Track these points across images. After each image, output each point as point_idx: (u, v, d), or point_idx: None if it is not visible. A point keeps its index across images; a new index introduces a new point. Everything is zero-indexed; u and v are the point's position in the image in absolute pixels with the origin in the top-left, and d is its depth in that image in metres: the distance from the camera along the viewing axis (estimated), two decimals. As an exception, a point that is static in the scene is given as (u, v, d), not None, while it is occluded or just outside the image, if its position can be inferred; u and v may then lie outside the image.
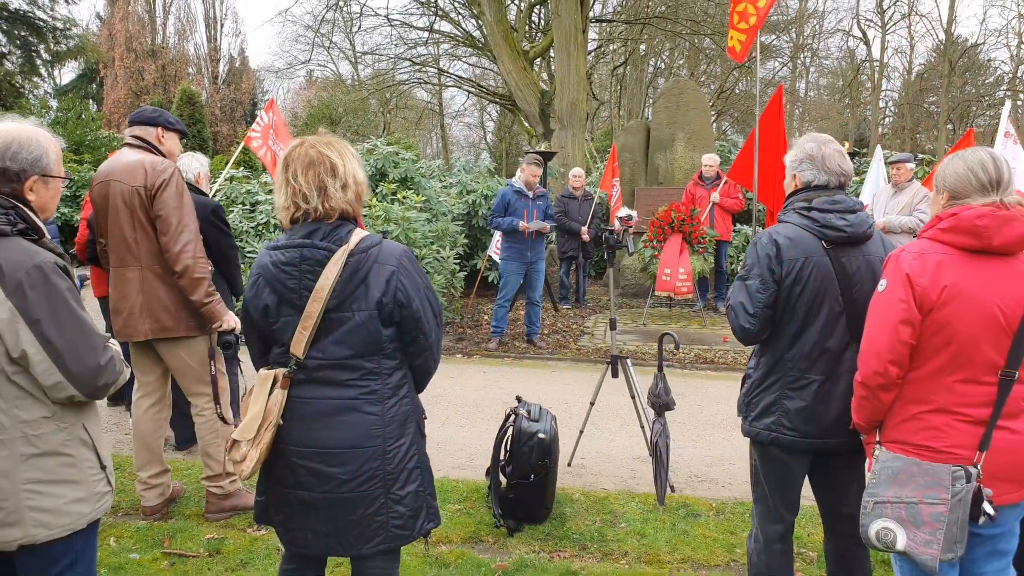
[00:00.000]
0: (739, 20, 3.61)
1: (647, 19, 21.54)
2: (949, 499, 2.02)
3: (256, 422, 2.16)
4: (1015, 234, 2.04)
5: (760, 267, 2.51)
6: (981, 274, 2.06)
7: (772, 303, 2.51)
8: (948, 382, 2.08)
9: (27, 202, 1.94)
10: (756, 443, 2.65)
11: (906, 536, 2.05)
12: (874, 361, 2.15)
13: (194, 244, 3.57)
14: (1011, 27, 33.22)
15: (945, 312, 2.04)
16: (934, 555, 2.00)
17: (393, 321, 2.16)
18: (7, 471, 1.89)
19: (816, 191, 2.58)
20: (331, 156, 2.18)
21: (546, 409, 3.86)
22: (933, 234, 2.13)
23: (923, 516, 2.04)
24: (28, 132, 1.94)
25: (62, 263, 1.93)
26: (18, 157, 1.89)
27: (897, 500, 2.09)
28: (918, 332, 2.09)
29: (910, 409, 2.16)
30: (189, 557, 3.39)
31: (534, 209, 7.59)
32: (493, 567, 3.31)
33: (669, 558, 3.44)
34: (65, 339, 1.88)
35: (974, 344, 2.04)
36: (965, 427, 2.07)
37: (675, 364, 7.28)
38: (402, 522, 2.22)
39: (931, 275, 2.06)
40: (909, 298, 2.07)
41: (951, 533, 2.01)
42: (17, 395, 1.88)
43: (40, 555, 1.99)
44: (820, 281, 2.45)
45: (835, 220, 2.48)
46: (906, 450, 2.15)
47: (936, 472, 2.06)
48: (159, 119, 3.73)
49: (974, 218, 2.03)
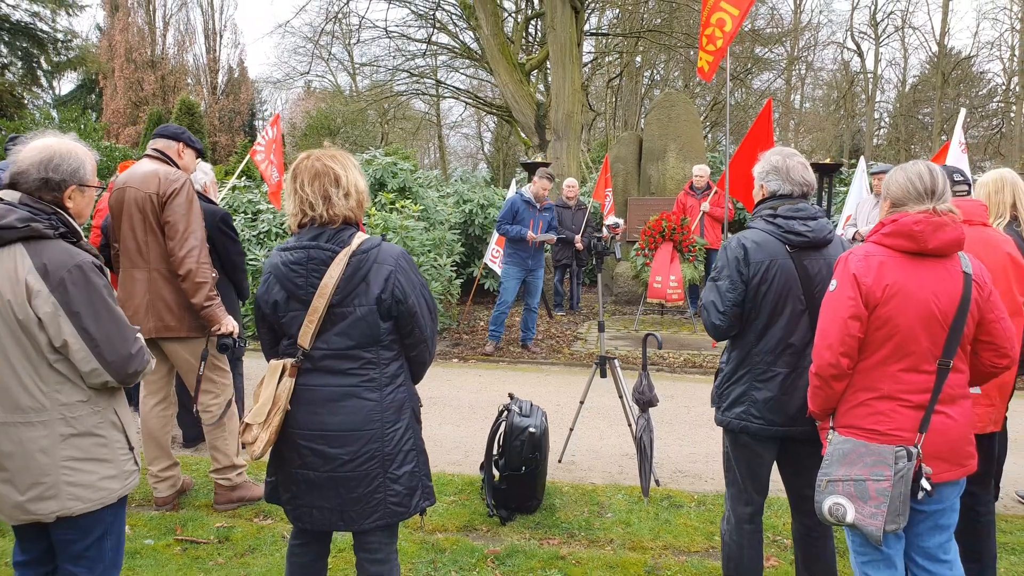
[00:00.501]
0: (707, 43, 3.90)
1: (641, 32, 21.87)
2: (892, 476, 2.24)
3: (267, 407, 2.38)
4: (948, 238, 2.27)
5: (729, 269, 2.74)
6: (919, 274, 2.29)
7: (740, 301, 2.73)
8: (892, 371, 2.32)
9: (66, 209, 2.18)
10: (728, 431, 2.87)
11: (854, 510, 2.28)
12: (827, 353, 2.37)
13: (199, 250, 3.78)
14: (1004, 39, 33.66)
15: (888, 308, 2.28)
16: (879, 526, 2.23)
17: (391, 315, 2.39)
18: (47, 449, 2.11)
19: (781, 200, 2.81)
20: (335, 168, 2.42)
21: (537, 405, 4.08)
22: (877, 238, 2.36)
23: (869, 492, 2.27)
24: (68, 146, 2.17)
25: (98, 263, 2.16)
26: (60, 168, 2.13)
27: (847, 478, 2.32)
28: (865, 327, 2.32)
29: (859, 396, 2.39)
30: (200, 543, 3.60)
31: (540, 220, 7.84)
32: (486, 552, 3.52)
33: (652, 545, 3.66)
34: (102, 330, 2.11)
35: (914, 337, 2.27)
36: (907, 412, 2.30)
37: (664, 368, 7.51)
38: (399, 499, 2.43)
39: (875, 275, 2.29)
40: (856, 296, 2.30)
41: (894, 506, 2.24)
42: (58, 380, 2.11)
43: (75, 526, 2.21)
44: (784, 281, 2.68)
45: (798, 226, 2.71)
46: (855, 433, 2.37)
47: (881, 452, 2.29)
48: (182, 136, 3.97)
49: (911, 224, 2.27)
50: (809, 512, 2.84)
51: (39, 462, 2.10)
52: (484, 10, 15.91)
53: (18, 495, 2.12)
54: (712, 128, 31.97)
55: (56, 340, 2.06)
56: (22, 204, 2.07)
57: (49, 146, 2.14)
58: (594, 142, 28.03)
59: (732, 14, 3.82)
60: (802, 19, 35.66)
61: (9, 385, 2.06)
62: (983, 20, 47.25)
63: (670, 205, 10.15)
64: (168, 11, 33.84)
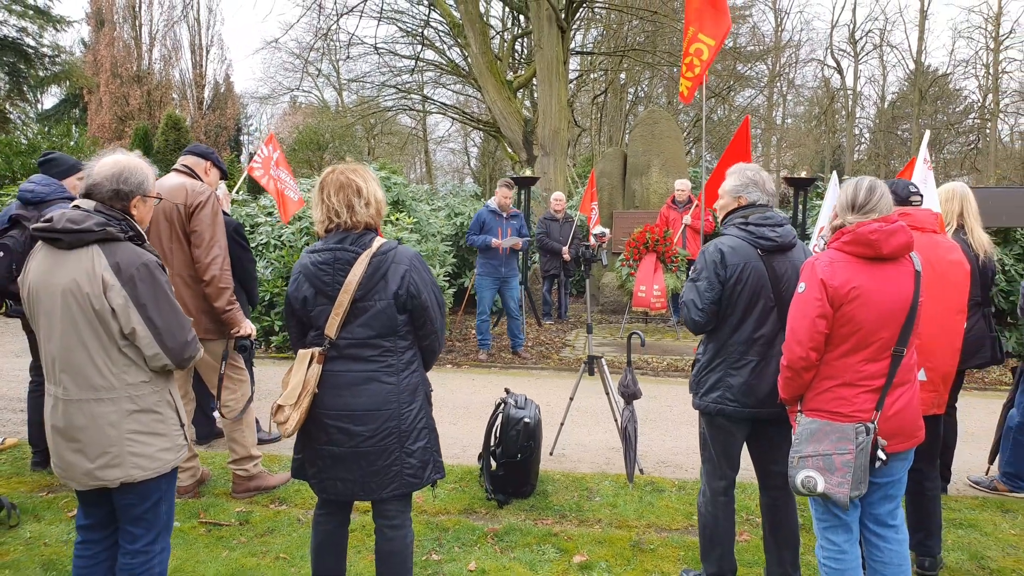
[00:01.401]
0: (687, 70, 4.34)
1: (625, 51, 22.38)
2: (855, 449, 2.61)
3: (297, 391, 2.71)
4: (899, 243, 2.65)
5: (708, 271, 3.10)
6: (877, 276, 2.66)
7: (717, 300, 3.09)
8: (853, 362, 2.67)
9: (132, 215, 2.53)
10: (705, 414, 3.23)
11: (824, 481, 2.64)
12: (797, 348, 2.72)
13: (222, 258, 4.12)
14: (979, 57, 34.57)
15: (850, 308, 2.63)
16: (846, 493, 2.60)
17: (406, 309, 2.74)
18: (115, 423, 2.44)
19: (753, 209, 3.19)
20: (357, 180, 2.78)
21: (531, 399, 4.44)
22: (838, 246, 2.72)
23: (836, 464, 2.63)
24: (135, 162, 2.53)
25: (160, 262, 2.50)
26: (129, 181, 2.48)
27: (816, 454, 2.68)
28: (831, 324, 2.68)
29: (824, 384, 2.74)
30: (223, 525, 3.92)
31: (508, 227, 8.24)
32: (486, 530, 3.87)
33: (636, 524, 4.02)
34: (164, 320, 2.45)
35: (873, 332, 2.63)
36: (866, 395, 2.66)
37: (649, 372, 7.90)
38: (413, 472, 2.78)
39: (840, 279, 2.64)
40: (823, 297, 2.66)
41: (857, 475, 2.60)
42: (125, 363, 2.44)
43: (135, 492, 2.53)
44: (756, 281, 3.05)
45: (768, 232, 3.10)
46: (821, 415, 2.73)
47: (844, 430, 2.65)
48: (210, 155, 4.33)
49: (867, 233, 2.64)
50: (774, 485, 3.21)
51: (107, 434, 2.43)
52: (473, 29, 16.36)
53: (88, 463, 2.44)
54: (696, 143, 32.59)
55: (126, 328, 2.40)
56: (97, 211, 2.42)
57: (119, 162, 2.49)
58: (580, 157, 28.51)
59: (709, 44, 4.27)
60: (783, 37, 36.46)
61: (85, 367, 2.40)
62: (959, 39, 48.35)
63: (653, 218, 10.56)
64: (155, 26, 34.02)
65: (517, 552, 3.67)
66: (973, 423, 6.07)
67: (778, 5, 36.07)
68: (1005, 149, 35.14)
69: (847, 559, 2.76)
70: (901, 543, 2.86)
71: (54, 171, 4.55)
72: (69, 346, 2.39)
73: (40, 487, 4.40)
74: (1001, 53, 32.85)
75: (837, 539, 2.78)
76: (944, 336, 3.42)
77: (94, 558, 2.62)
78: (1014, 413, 4.65)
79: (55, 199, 4.43)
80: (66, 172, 4.59)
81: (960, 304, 3.48)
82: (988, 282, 4.32)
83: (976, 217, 4.26)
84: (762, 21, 34.63)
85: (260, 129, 39.35)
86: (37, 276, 2.42)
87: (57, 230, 2.35)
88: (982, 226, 4.27)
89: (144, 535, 2.58)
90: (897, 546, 2.84)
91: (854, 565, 2.77)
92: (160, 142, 23.40)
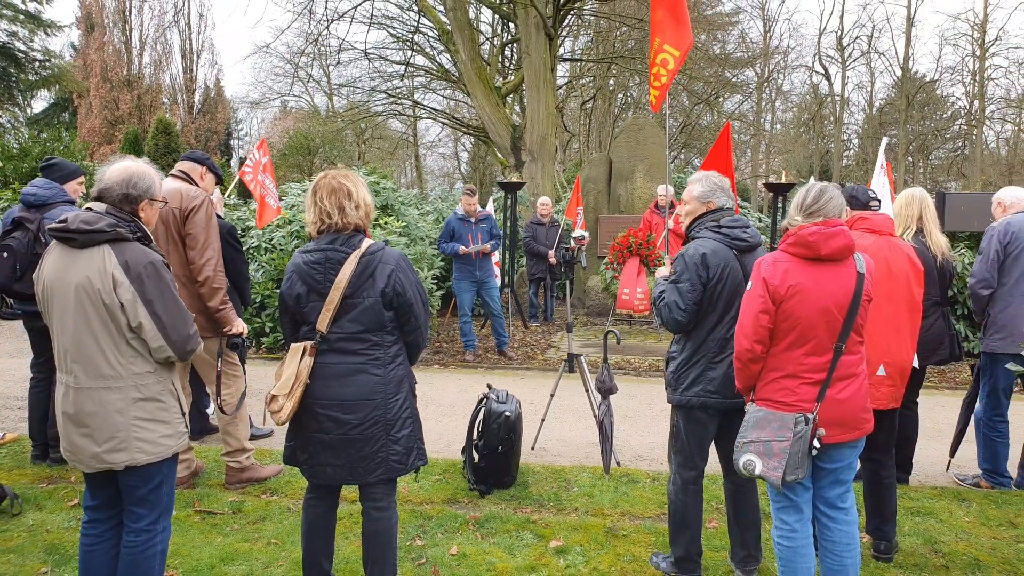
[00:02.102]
0: (654, 80, 4.59)
1: (612, 58, 22.67)
2: (792, 437, 2.83)
3: (290, 381, 2.91)
4: (838, 245, 2.88)
5: (689, 273, 3.27)
6: (817, 276, 2.88)
7: (699, 300, 3.28)
8: (796, 355, 2.90)
9: (140, 218, 2.73)
10: (683, 408, 3.40)
11: (761, 464, 2.86)
12: (744, 341, 2.95)
13: (216, 259, 4.32)
14: (965, 64, 35.10)
15: (790, 304, 2.86)
16: (779, 476, 2.82)
17: (392, 306, 2.94)
18: (122, 410, 2.64)
19: (723, 212, 3.42)
20: (348, 185, 2.99)
21: (512, 394, 4.66)
22: (783, 247, 2.96)
23: (774, 450, 2.85)
24: (143, 167, 2.74)
25: (165, 261, 2.71)
26: (138, 185, 2.69)
27: (757, 439, 2.90)
28: (774, 319, 2.91)
29: (771, 375, 2.96)
30: (216, 514, 4.11)
31: (478, 232, 8.53)
32: (468, 518, 4.08)
33: (611, 512, 4.24)
34: (168, 315, 2.65)
35: (812, 327, 2.86)
36: (807, 387, 2.89)
37: (631, 372, 8.12)
38: (398, 458, 2.98)
39: (780, 277, 2.87)
40: (765, 295, 2.89)
41: (793, 461, 2.82)
42: (132, 354, 2.65)
43: (139, 475, 2.73)
44: (734, 280, 3.26)
45: (740, 233, 3.32)
46: (767, 404, 2.95)
47: (784, 419, 2.87)
48: (206, 161, 4.53)
49: (807, 235, 2.87)
50: (738, 473, 3.43)
51: (115, 420, 2.63)
52: (462, 35, 16.60)
53: (96, 447, 2.64)
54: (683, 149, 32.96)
55: (133, 322, 2.60)
56: (108, 213, 2.63)
57: (128, 167, 2.70)
58: (569, 162, 28.79)
59: (674, 55, 4.50)
60: (771, 43, 36.92)
61: (95, 357, 2.60)
62: (945, 46, 49.01)
63: (638, 222, 10.81)
64: (145, 31, 34.10)
65: (497, 538, 3.88)
66: (942, 421, 6.33)
67: (766, 12, 36.59)
68: (991, 155, 35.71)
69: (797, 537, 2.99)
70: (851, 524, 3.08)
71: (55, 175, 4.74)
72: (81, 338, 2.59)
73: (40, 479, 4.58)
74: (987, 60, 33.42)
75: (789, 519, 3.01)
76: (900, 333, 3.65)
77: (100, 536, 2.81)
78: (979, 410, 4.88)
79: (56, 202, 4.63)
80: (67, 177, 4.78)
81: (914, 303, 3.71)
82: (946, 282, 4.57)
83: (934, 220, 4.51)
84: (750, 28, 35.09)
85: (250, 134, 39.49)
86: (52, 273, 2.62)
87: (71, 230, 2.55)
88: (940, 229, 4.53)
89: (147, 515, 2.77)
90: (846, 527, 3.07)
91: (804, 543, 3.00)
92: (150, 146, 23.49)
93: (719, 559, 3.69)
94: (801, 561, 2.99)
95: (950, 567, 3.68)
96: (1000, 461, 4.73)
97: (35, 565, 3.51)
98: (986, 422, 4.77)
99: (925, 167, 40.30)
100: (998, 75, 34.39)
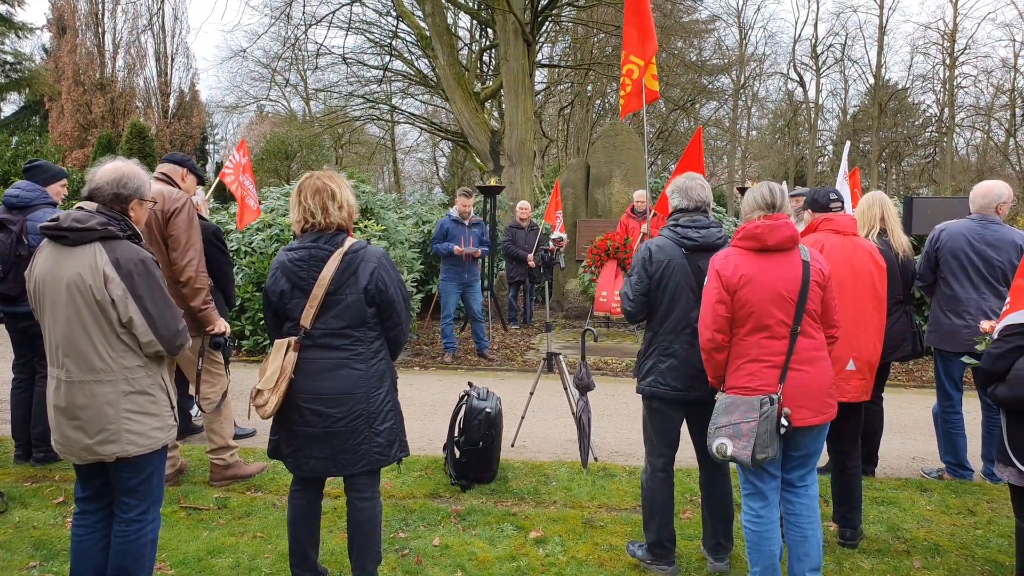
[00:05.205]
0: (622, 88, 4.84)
1: (590, 65, 22.90)
2: (758, 418, 2.99)
3: (275, 376, 3.00)
4: (782, 236, 3.06)
5: (638, 267, 3.50)
6: (765, 265, 3.06)
7: (646, 292, 3.47)
8: (755, 340, 3.07)
9: (129, 216, 2.81)
10: (644, 397, 3.59)
11: (732, 446, 3.01)
12: (705, 332, 3.14)
13: (198, 260, 4.38)
14: (936, 73, 35.80)
15: (743, 292, 3.04)
16: (748, 454, 2.97)
17: (375, 303, 3.04)
18: (113, 402, 2.72)
19: (684, 213, 3.57)
20: (332, 185, 3.09)
21: (492, 392, 4.77)
22: (734, 241, 3.16)
23: (743, 431, 3.00)
24: (133, 168, 2.82)
25: (155, 259, 2.79)
26: (128, 186, 2.77)
27: (727, 423, 3.06)
28: (730, 308, 3.08)
29: (737, 362, 3.13)
30: (202, 510, 4.18)
31: (470, 235, 8.63)
32: (449, 511, 4.18)
33: (589, 504, 4.36)
34: (158, 310, 2.74)
35: (767, 312, 3.03)
36: (769, 370, 3.05)
37: (609, 372, 8.26)
38: (380, 450, 3.08)
39: (732, 269, 3.07)
40: (719, 286, 3.07)
41: (761, 440, 2.97)
42: (123, 349, 2.73)
43: (130, 466, 2.81)
44: (680, 276, 3.43)
45: (691, 233, 3.47)
46: (735, 391, 3.11)
47: (751, 402, 3.03)
48: (187, 163, 4.60)
49: (753, 228, 3.07)
50: (710, 464, 3.57)
51: (106, 413, 2.71)
52: (440, 41, 16.72)
53: (87, 439, 2.71)
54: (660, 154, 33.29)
55: (124, 317, 2.68)
56: (99, 212, 2.71)
57: (119, 168, 2.78)
58: (548, 168, 28.98)
59: (639, 64, 4.74)
60: (747, 50, 37.43)
61: (87, 351, 2.67)
62: (916, 54, 49.88)
63: (615, 227, 10.97)
64: (118, 34, 33.70)
65: (478, 530, 3.99)
66: (908, 417, 6.54)
67: (742, 19, 37.10)
68: (962, 162, 36.40)
69: (762, 522, 3.15)
70: (812, 498, 3.26)
71: (39, 177, 4.79)
72: (72, 333, 2.67)
73: (24, 478, 4.61)
74: (957, 69, 34.14)
75: (755, 505, 3.17)
76: (866, 329, 3.84)
77: (91, 527, 2.88)
78: (935, 406, 5.08)
79: (39, 204, 4.67)
80: (50, 179, 4.83)
81: (878, 300, 3.89)
82: (908, 280, 4.76)
83: (896, 221, 4.71)
84: (726, 35, 35.53)
85: (226, 138, 39.23)
86: (44, 270, 2.70)
87: (63, 228, 2.63)
88: (901, 230, 4.72)
89: (138, 505, 2.85)
90: (807, 499, 3.25)
91: (770, 527, 3.15)
92: (124, 151, 23.25)
93: (693, 547, 3.82)
94: (766, 544, 3.16)
95: (911, 552, 3.85)
96: (959, 453, 4.92)
97: (23, 560, 3.56)
98: (941, 415, 4.98)
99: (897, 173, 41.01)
100: (967, 83, 35.10)
